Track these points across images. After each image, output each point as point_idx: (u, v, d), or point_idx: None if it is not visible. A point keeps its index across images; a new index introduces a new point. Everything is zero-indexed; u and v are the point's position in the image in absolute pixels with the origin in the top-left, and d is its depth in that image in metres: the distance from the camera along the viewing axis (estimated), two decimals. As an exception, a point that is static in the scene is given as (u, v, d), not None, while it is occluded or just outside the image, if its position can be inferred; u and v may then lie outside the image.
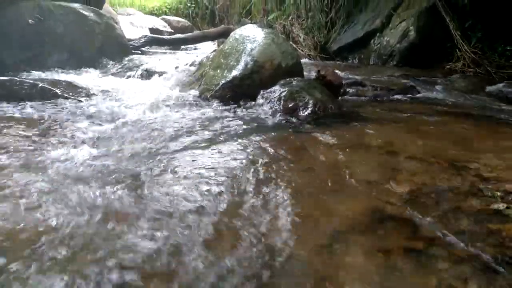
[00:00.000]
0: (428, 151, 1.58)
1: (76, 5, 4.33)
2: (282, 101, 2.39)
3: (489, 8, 4.58)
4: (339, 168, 1.41)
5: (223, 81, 2.72)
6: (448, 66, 4.69)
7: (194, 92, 2.93)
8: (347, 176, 1.32)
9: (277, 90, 2.48)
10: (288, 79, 2.61)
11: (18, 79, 2.49)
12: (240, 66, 2.75)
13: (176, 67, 3.83)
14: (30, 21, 3.99)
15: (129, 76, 3.60)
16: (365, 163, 1.45)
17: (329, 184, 1.28)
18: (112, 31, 4.54)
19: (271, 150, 1.65)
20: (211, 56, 3.39)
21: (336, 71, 4.29)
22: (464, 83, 3.73)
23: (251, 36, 2.94)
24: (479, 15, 4.64)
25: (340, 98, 3.06)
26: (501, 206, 1.06)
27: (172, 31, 9.24)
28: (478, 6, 4.63)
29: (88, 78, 3.36)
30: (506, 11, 4.51)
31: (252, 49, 2.81)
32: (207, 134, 1.88)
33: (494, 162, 1.45)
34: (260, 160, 1.51)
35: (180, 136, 1.83)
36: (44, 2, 4.10)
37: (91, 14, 4.38)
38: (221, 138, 1.82)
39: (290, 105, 2.35)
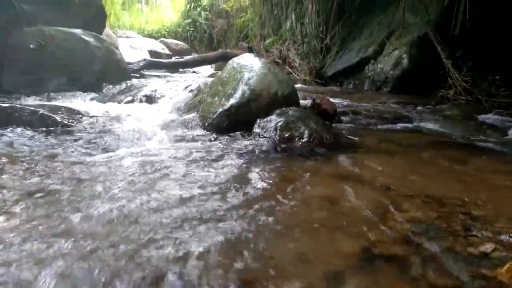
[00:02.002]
0: (420, 186, 1.62)
1: (77, 31, 4.43)
2: (278, 131, 2.44)
3: (479, 39, 4.75)
4: (332, 203, 1.44)
5: (220, 109, 2.78)
6: (440, 94, 4.80)
7: (192, 118, 2.99)
8: (340, 212, 1.36)
9: (274, 120, 2.54)
10: (284, 109, 2.67)
11: (19, 105, 2.53)
12: (238, 94, 2.81)
13: (174, 92, 3.90)
14: (31, 46, 4.07)
15: (128, 101, 3.65)
16: (358, 199, 1.48)
17: (322, 220, 1.31)
18: (112, 56, 4.64)
19: (264, 182, 1.68)
20: (209, 83, 3.46)
21: (330, 98, 4.39)
22: (456, 111, 3.82)
23: (249, 65, 3.02)
24: (469, 45, 4.80)
25: (334, 125, 3.13)
26: (489, 248, 1.10)
27: (171, 53, 9.43)
28: (468, 36, 4.79)
29: (87, 103, 3.41)
30: (495, 42, 4.68)
31: (249, 78, 2.88)
32: (202, 163, 1.92)
33: (483, 198, 1.49)
34: (252, 193, 1.54)
35: (171, 163, 1.88)
36: (46, 28, 4.20)
37: (92, 40, 4.47)
38: (216, 167, 1.87)
39: (286, 135, 2.41)
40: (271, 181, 1.70)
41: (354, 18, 6.41)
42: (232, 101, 2.79)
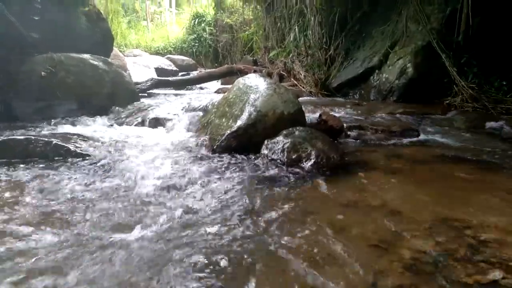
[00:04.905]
0: (427, 209, 1.63)
1: (86, 56, 4.55)
2: (285, 153, 2.48)
3: (483, 45, 4.75)
4: (339, 231, 1.46)
5: (228, 132, 2.83)
6: (447, 101, 4.79)
7: (201, 141, 3.04)
8: (347, 240, 1.38)
9: (281, 141, 2.58)
10: (291, 129, 2.71)
11: (33, 137, 2.61)
12: (244, 116, 2.86)
13: (182, 113, 3.97)
14: (42, 73, 4.20)
15: (137, 124, 3.73)
16: (365, 225, 1.50)
17: (328, 248, 1.34)
18: (120, 78, 4.74)
19: (270, 207, 1.71)
20: (216, 103, 3.52)
21: (336, 109, 4.43)
22: (463, 120, 3.81)
23: (254, 86, 3.08)
24: (474, 51, 4.80)
25: (342, 140, 3.15)
26: (498, 275, 1.11)
27: (177, 69, 9.57)
28: (472, 43, 4.79)
29: (98, 128, 3.49)
30: (500, 47, 4.67)
31: (255, 99, 2.93)
32: (209, 186, 1.97)
33: (492, 220, 1.50)
34: (256, 218, 1.57)
35: (181, 188, 1.92)
36: (56, 54, 4.32)
37: (101, 63, 4.59)
38: (224, 190, 1.92)
39: (293, 157, 2.44)
40: (276, 206, 1.72)
41: (357, 29, 6.45)
42: (240, 122, 2.84)
